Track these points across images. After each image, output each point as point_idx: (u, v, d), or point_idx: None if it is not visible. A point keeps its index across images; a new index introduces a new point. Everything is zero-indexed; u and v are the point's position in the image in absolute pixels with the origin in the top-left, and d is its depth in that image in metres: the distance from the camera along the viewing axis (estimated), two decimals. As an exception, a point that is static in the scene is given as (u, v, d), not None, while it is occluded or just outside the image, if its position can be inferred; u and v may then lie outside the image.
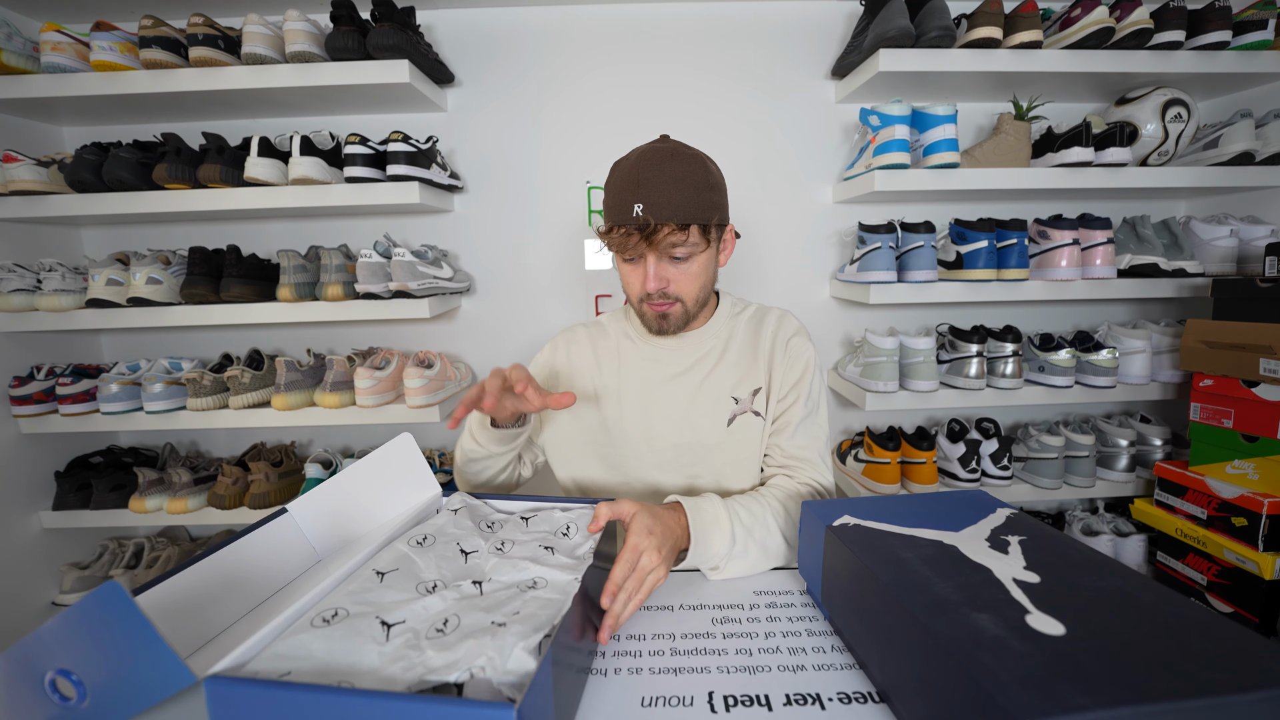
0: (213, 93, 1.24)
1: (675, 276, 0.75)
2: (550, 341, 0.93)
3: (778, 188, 1.50)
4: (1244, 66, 1.28)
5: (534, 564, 0.53)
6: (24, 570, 1.35)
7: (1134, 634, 0.38)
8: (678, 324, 0.79)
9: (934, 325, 1.50)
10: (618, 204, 0.72)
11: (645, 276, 0.74)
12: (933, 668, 0.39)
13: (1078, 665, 0.35)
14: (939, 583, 0.44)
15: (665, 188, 0.70)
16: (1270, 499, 1.06)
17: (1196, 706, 0.32)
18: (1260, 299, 1.11)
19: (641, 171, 0.70)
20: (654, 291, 0.75)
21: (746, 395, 0.83)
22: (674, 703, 0.48)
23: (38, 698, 0.38)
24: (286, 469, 1.40)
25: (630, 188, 0.70)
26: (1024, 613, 0.40)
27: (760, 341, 0.86)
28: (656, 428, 0.84)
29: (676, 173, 0.71)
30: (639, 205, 0.69)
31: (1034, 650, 0.36)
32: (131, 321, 1.29)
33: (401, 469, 0.66)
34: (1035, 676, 0.34)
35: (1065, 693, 0.32)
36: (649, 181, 0.70)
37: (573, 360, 0.89)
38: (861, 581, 0.50)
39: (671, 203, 0.69)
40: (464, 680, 0.39)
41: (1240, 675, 0.33)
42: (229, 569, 0.53)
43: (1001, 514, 0.57)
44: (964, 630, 0.38)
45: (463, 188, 1.48)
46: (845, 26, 1.44)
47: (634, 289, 0.78)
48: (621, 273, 0.80)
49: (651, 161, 0.71)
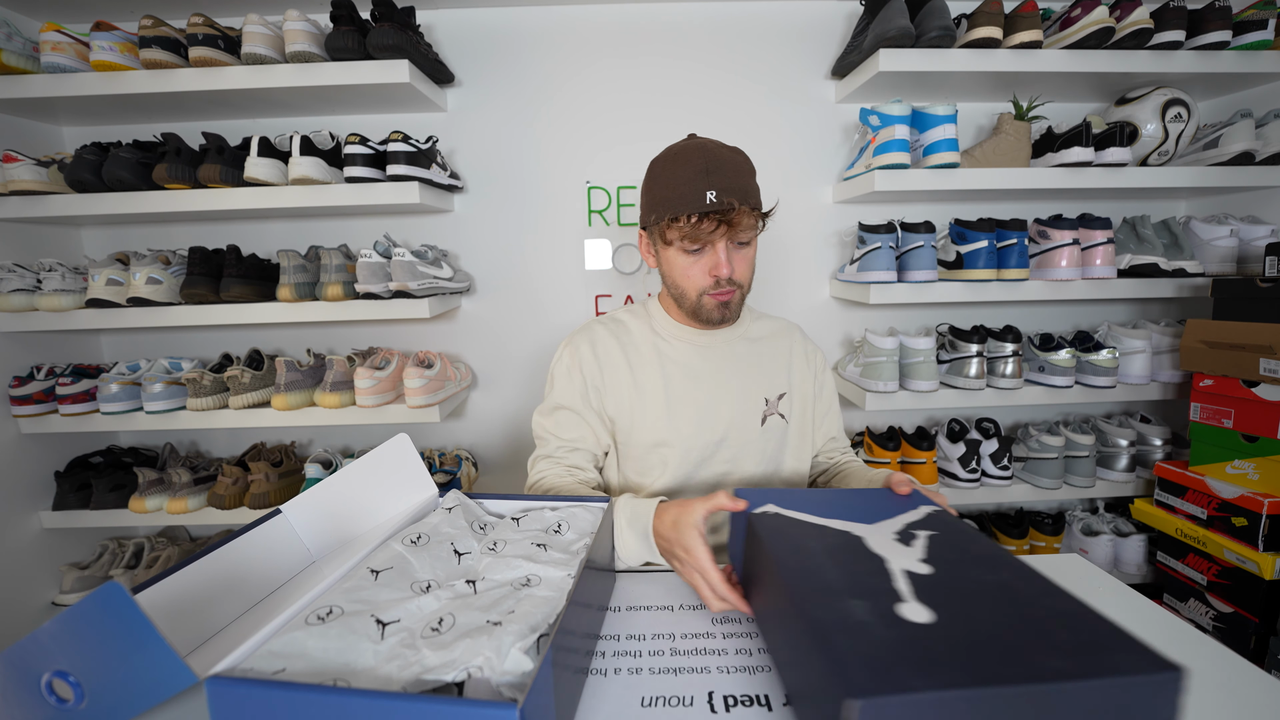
0: (213, 93, 1.24)
1: (738, 262, 0.79)
2: (567, 343, 0.90)
3: (778, 187, 1.50)
4: (1244, 66, 1.28)
5: (527, 561, 0.54)
6: (24, 570, 1.35)
7: (1000, 625, 0.39)
8: (736, 312, 0.83)
9: (934, 325, 1.50)
10: (686, 194, 0.73)
11: (718, 262, 0.76)
12: (801, 647, 0.42)
13: (929, 651, 0.36)
14: (830, 570, 0.47)
15: (735, 174, 0.74)
16: (1270, 499, 1.06)
17: (1022, 693, 0.33)
18: (1260, 299, 1.11)
19: (709, 161, 0.73)
20: (725, 277, 0.77)
21: (774, 397, 0.88)
22: (674, 703, 0.48)
23: (34, 700, 0.38)
24: (286, 469, 1.40)
25: (700, 176, 0.73)
26: (897, 601, 0.42)
27: (780, 350, 0.91)
28: (705, 423, 0.85)
29: (739, 161, 0.76)
30: (712, 192, 0.72)
31: (892, 636, 0.38)
32: (131, 321, 1.29)
33: (397, 469, 0.66)
34: (882, 659, 0.35)
35: (903, 675, 0.34)
36: (719, 169, 0.73)
37: (600, 360, 0.87)
38: (764, 566, 0.52)
39: (742, 187, 0.74)
40: (462, 680, 0.39)
41: (1081, 665, 0.34)
42: (223, 570, 0.53)
43: (922, 511, 0.59)
44: (834, 615, 0.41)
45: (463, 188, 1.48)
46: (845, 26, 1.44)
47: (696, 280, 0.79)
48: (676, 267, 0.80)
49: (715, 153, 0.75)
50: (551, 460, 0.85)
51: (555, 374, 0.89)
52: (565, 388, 0.87)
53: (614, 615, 0.61)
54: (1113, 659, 0.35)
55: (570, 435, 0.86)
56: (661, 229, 0.77)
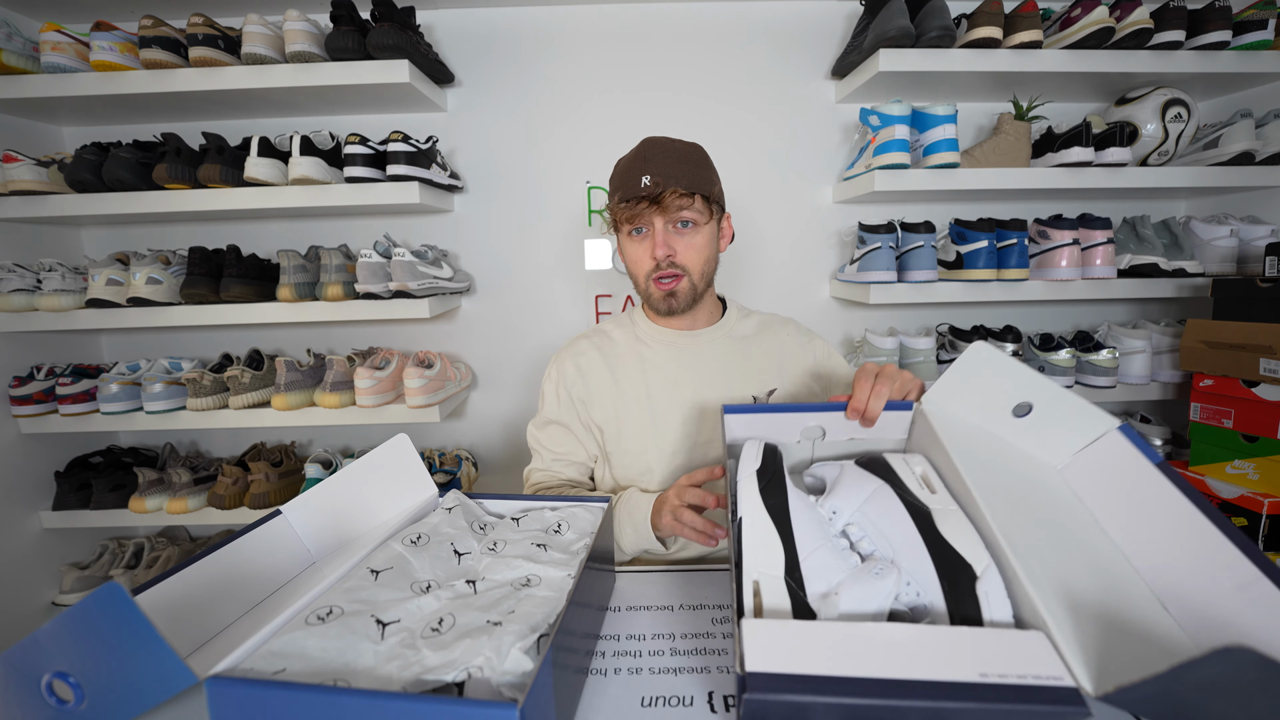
0: (213, 93, 1.24)
1: (681, 247, 0.80)
2: (554, 360, 0.93)
3: (778, 188, 1.50)
4: (1244, 66, 1.28)
5: (527, 561, 0.54)
6: (24, 570, 1.35)
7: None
8: (685, 300, 0.83)
9: (934, 325, 1.50)
10: (625, 182, 0.78)
11: (654, 245, 0.79)
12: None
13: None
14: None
15: (670, 162, 0.77)
16: (1270, 499, 1.06)
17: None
18: (1260, 299, 1.11)
19: (647, 151, 0.79)
20: (662, 259, 0.79)
21: (763, 395, 0.87)
22: (674, 703, 0.48)
23: (34, 702, 0.38)
24: (286, 469, 1.40)
25: (638, 164, 0.78)
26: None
27: (772, 345, 0.90)
28: (690, 425, 0.85)
29: (678, 150, 0.79)
30: (646, 176, 0.76)
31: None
32: (131, 321, 1.29)
33: (397, 470, 0.65)
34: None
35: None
36: (654, 158, 0.77)
37: (584, 374, 0.89)
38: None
39: (676, 173, 0.77)
40: (462, 680, 0.39)
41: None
42: (223, 571, 0.53)
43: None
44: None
45: (463, 188, 1.48)
46: (845, 26, 1.44)
47: (642, 265, 0.82)
48: (629, 256, 0.83)
49: (655, 143, 0.80)
50: (546, 472, 0.89)
51: (545, 390, 0.93)
52: (553, 403, 0.91)
53: (614, 615, 0.61)
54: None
55: (561, 449, 0.89)
56: (613, 217, 0.81)
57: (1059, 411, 0.55)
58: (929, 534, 0.47)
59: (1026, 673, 0.34)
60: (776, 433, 0.63)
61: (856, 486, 0.53)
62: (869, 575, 0.45)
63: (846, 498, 0.52)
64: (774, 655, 0.36)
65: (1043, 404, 0.56)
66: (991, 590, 0.42)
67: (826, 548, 0.47)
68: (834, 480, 0.56)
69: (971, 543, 0.45)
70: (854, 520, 0.51)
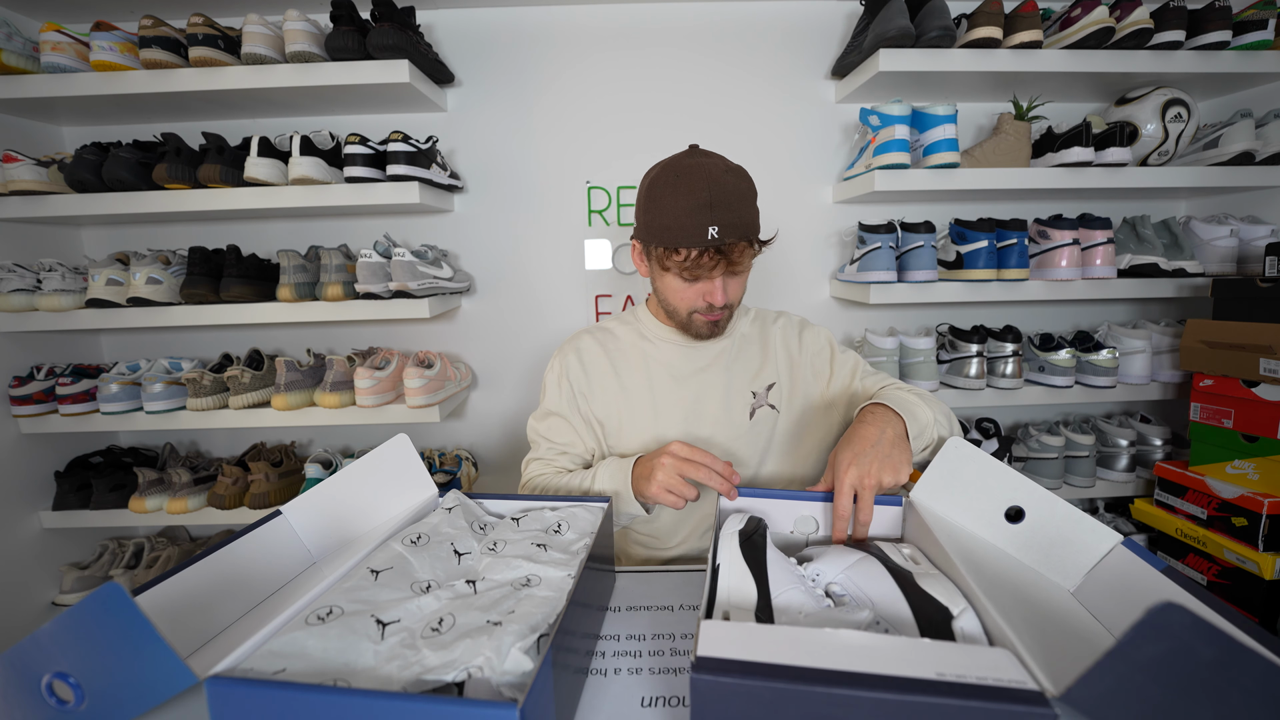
0: (213, 93, 1.24)
1: (732, 288, 0.79)
2: (557, 354, 0.93)
3: (777, 188, 1.50)
4: (1244, 66, 1.28)
5: (527, 561, 0.54)
6: (24, 570, 1.35)
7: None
8: (724, 328, 0.85)
9: (934, 325, 1.50)
10: (688, 227, 0.71)
11: (712, 290, 0.76)
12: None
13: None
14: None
15: (736, 207, 0.72)
16: (1270, 499, 1.06)
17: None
18: (1260, 299, 1.11)
19: (714, 193, 0.71)
20: (719, 305, 0.78)
21: (762, 390, 0.88)
22: (674, 703, 0.48)
23: (34, 702, 0.38)
24: (286, 469, 1.40)
25: (704, 210, 0.71)
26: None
27: (769, 340, 0.91)
28: (691, 421, 0.86)
29: (742, 189, 0.73)
30: (714, 228, 0.70)
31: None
32: (131, 321, 1.29)
33: (397, 470, 0.65)
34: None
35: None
36: (723, 203, 0.71)
37: (587, 367, 0.90)
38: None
39: (743, 222, 0.73)
40: (462, 680, 0.39)
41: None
42: (223, 571, 0.53)
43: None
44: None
45: (463, 188, 1.48)
46: (845, 26, 1.44)
47: (687, 303, 0.80)
48: (670, 288, 0.80)
49: (719, 181, 0.72)
50: (543, 462, 0.89)
51: (547, 382, 0.93)
52: (555, 396, 0.90)
53: (614, 615, 0.61)
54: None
55: (561, 440, 0.89)
56: (660, 255, 0.77)
57: (1053, 519, 0.56)
58: (909, 589, 0.47)
59: (988, 676, 0.34)
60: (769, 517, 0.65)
61: (841, 556, 0.54)
62: (840, 610, 0.47)
63: (830, 564, 0.53)
64: (728, 646, 0.36)
65: (1035, 511, 0.56)
66: (968, 627, 0.42)
67: (800, 589, 0.48)
68: (819, 553, 0.57)
69: (950, 593, 0.46)
70: (837, 580, 0.52)
